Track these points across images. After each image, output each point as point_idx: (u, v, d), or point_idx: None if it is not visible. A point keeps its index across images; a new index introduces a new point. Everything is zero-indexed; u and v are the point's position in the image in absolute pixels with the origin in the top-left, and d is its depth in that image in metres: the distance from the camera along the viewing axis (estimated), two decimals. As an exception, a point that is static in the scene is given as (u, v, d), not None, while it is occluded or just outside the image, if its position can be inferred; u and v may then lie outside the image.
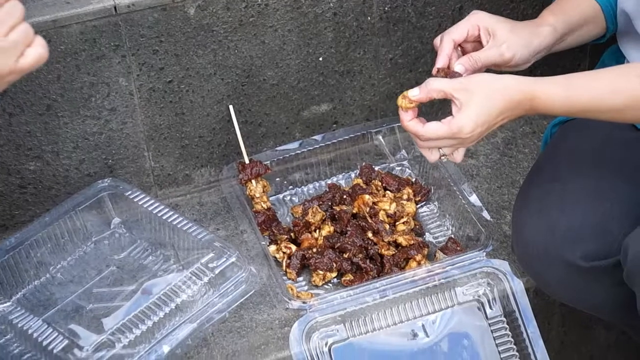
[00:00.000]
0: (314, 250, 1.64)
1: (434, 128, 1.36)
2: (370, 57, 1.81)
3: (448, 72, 1.43)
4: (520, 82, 1.34)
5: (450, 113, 1.36)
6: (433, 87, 1.36)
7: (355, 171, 1.83)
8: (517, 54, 1.45)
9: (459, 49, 1.48)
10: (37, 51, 1.09)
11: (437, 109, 1.84)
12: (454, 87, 1.35)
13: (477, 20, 1.46)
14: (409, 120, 1.40)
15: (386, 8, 1.76)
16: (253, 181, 1.73)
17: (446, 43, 1.45)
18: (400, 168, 1.85)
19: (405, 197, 1.72)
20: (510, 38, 1.45)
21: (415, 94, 1.38)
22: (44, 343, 1.42)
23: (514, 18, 1.84)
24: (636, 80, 1.28)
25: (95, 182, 1.69)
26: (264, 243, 1.65)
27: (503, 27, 1.45)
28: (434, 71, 1.44)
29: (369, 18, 1.76)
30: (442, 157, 1.41)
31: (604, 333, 1.76)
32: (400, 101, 1.40)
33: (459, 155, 1.42)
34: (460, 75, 1.42)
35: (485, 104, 1.33)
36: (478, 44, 1.48)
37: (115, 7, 1.58)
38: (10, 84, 1.10)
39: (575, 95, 1.32)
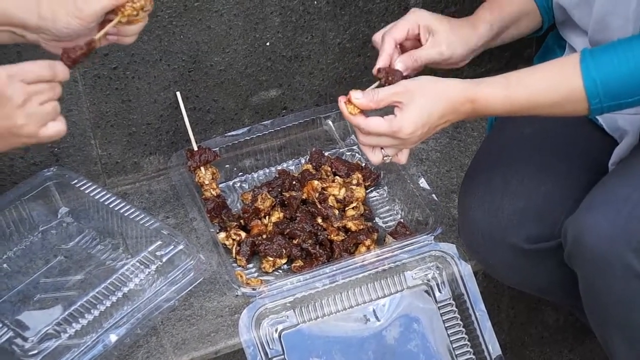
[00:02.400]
0: (264, 236, 1.64)
1: (375, 122, 1.36)
2: (317, 41, 1.80)
3: (389, 71, 1.43)
4: (461, 85, 1.35)
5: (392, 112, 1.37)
6: (379, 97, 1.36)
7: (305, 157, 1.83)
8: (456, 52, 1.47)
9: (398, 46, 1.48)
10: (58, 126, 1.22)
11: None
12: (397, 92, 1.35)
13: (417, 19, 1.47)
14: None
15: (334, -8, 1.76)
16: (202, 168, 1.72)
17: (387, 43, 1.45)
18: (350, 153, 1.85)
19: (354, 182, 1.72)
20: (449, 37, 1.46)
21: (359, 97, 1.37)
22: (-12, 335, 1.41)
23: (461, 2, 1.86)
24: (572, 72, 1.29)
25: (41, 171, 1.67)
26: (213, 230, 1.65)
27: (442, 27, 1.47)
28: (375, 71, 1.44)
29: (315, 2, 1.75)
30: (386, 158, 1.41)
31: (552, 314, 1.78)
32: (346, 107, 1.38)
33: (403, 157, 1.42)
34: (401, 72, 1.43)
35: (426, 106, 1.34)
36: (417, 41, 1.49)
37: None
38: (26, 145, 1.24)
39: (514, 94, 1.33)
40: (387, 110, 1.37)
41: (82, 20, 1.23)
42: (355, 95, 1.37)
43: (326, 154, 1.81)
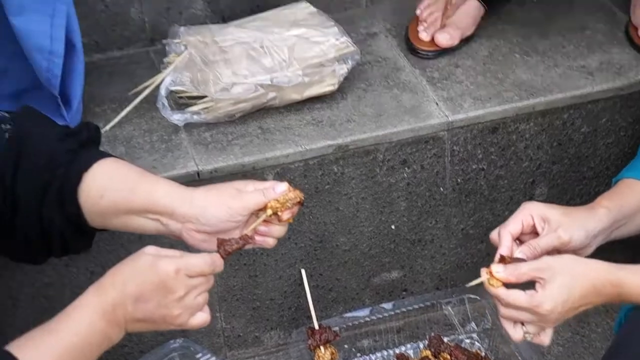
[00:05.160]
0: (381, 422, 1.62)
1: (515, 295, 1.34)
2: (441, 226, 1.83)
3: (510, 260, 1.42)
4: (604, 268, 1.33)
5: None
6: (520, 272, 1.35)
7: (423, 341, 1.82)
8: (574, 235, 1.43)
9: (517, 242, 1.46)
10: (204, 317, 1.27)
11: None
12: (539, 267, 1.34)
13: (530, 210, 1.45)
14: None
15: (459, 180, 1.79)
16: (322, 347, 1.72)
17: (505, 237, 1.43)
18: (469, 340, 1.83)
19: (474, 372, 1.70)
20: (565, 221, 1.43)
21: (500, 270, 1.36)
22: None
23: (586, 195, 1.87)
24: None
25: (167, 342, 1.70)
26: (330, 412, 1.64)
27: (556, 212, 1.45)
28: (496, 260, 1.42)
29: (441, 189, 1.79)
30: (527, 335, 1.39)
31: None
32: (489, 281, 1.37)
33: (546, 337, 1.38)
34: (523, 260, 1.40)
35: (567, 284, 1.32)
36: (534, 234, 1.45)
37: (198, 173, 1.64)
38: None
39: None
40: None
41: (232, 212, 1.30)
42: (497, 268, 1.36)
43: (445, 339, 1.80)
